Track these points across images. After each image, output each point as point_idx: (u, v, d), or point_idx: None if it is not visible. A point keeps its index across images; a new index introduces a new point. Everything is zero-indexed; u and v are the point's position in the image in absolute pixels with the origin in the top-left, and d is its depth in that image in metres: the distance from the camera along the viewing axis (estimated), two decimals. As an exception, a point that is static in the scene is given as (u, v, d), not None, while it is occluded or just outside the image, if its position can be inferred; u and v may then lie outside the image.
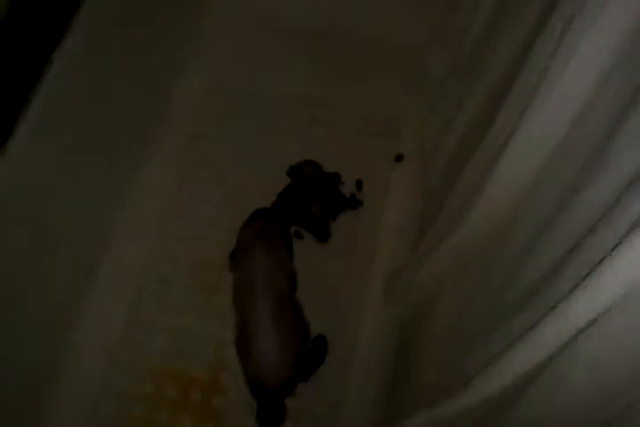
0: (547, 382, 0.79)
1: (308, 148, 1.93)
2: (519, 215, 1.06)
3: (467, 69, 1.58)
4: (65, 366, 1.61)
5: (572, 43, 0.86)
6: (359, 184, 1.90)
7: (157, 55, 1.87)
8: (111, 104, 1.64)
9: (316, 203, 1.81)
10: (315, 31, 2.07)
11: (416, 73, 1.96)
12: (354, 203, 1.87)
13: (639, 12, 0.76)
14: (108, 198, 1.76)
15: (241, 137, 1.96)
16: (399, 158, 1.95)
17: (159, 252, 1.81)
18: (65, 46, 1.38)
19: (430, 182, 1.75)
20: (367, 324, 1.71)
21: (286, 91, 2.06)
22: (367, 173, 1.92)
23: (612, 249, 0.62)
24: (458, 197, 1.30)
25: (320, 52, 2.08)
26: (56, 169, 1.46)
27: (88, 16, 1.42)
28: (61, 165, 1.48)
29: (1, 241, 1.33)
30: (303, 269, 1.70)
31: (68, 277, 1.63)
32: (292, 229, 1.81)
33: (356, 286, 1.77)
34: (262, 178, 1.87)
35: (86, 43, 1.44)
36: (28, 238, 1.41)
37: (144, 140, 1.89)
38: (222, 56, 2.11)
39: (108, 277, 1.74)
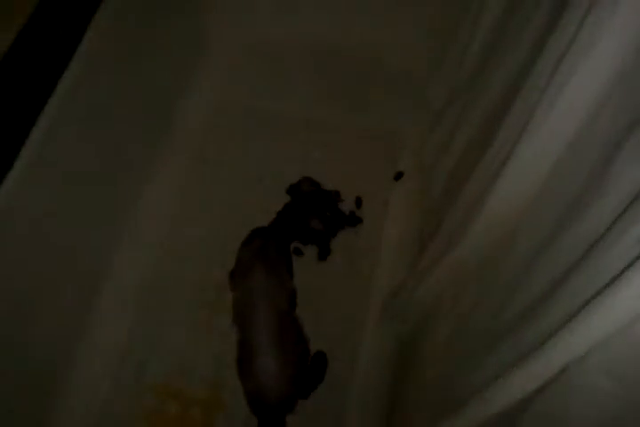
0: (551, 401, 0.81)
1: (307, 166, 1.96)
2: (518, 233, 1.08)
3: (466, 89, 1.60)
4: (66, 384, 1.61)
5: (572, 62, 0.88)
6: (359, 202, 1.92)
7: (159, 79, 1.89)
8: (113, 127, 1.65)
9: (315, 217, 1.83)
10: (315, 52, 2.11)
11: (416, 92, 1.98)
12: (353, 220, 1.89)
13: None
14: (110, 219, 1.77)
15: (241, 157, 1.98)
16: (399, 176, 1.97)
17: (160, 271, 1.82)
18: (69, 71, 1.39)
19: (430, 200, 1.76)
20: (367, 341, 1.72)
21: (287, 111, 2.09)
22: (367, 191, 1.94)
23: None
24: (457, 215, 1.31)
25: (320, 73, 2.10)
26: (58, 191, 1.47)
27: (92, 41, 1.44)
28: (63, 186, 1.49)
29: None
30: (303, 286, 1.71)
31: (71, 296, 1.63)
32: (292, 247, 1.82)
33: (356, 302, 1.78)
34: (262, 197, 1.89)
35: (89, 67, 1.46)
36: (34, 260, 1.42)
37: (145, 161, 1.90)
38: (223, 77, 2.14)
39: (110, 297, 1.75)
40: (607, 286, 0.64)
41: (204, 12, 2.11)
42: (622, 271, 0.62)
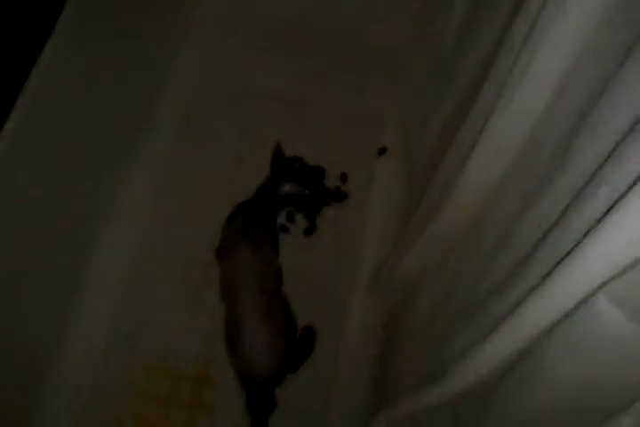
0: (530, 368, 0.83)
1: (292, 143, 1.95)
2: (491, 207, 1.10)
3: (445, 66, 1.60)
4: (55, 363, 1.64)
5: (538, 37, 0.88)
6: (344, 177, 1.93)
7: (144, 55, 1.87)
8: (96, 103, 1.64)
9: (286, 182, 1.83)
10: (300, 30, 2.10)
11: (400, 69, 1.99)
12: (339, 196, 1.90)
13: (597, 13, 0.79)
14: (95, 197, 1.77)
15: (225, 135, 1.98)
16: (382, 151, 1.97)
17: (147, 250, 1.83)
18: (48, 49, 1.38)
19: (414, 175, 1.78)
20: (354, 315, 1.75)
21: (271, 89, 2.07)
22: (352, 167, 1.95)
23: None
24: (435, 189, 1.33)
25: (306, 52, 2.09)
26: (42, 166, 1.47)
27: (71, 17, 1.43)
28: (47, 161, 1.49)
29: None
30: (289, 262, 1.74)
31: (58, 275, 1.65)
32: (278, 223, 1.83)
33: (343, 277, 1.80)
34: (247, 175, 1.88)
35: (73, 38, 1.45)
36: (18, 239, 1.43)
37: (129, 139, 1.90)
38: (207, 56, 2.12)
39: (97, 276, 1.76)
40: (566, 259, 0.65)
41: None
42: (577, 246, 0.63)
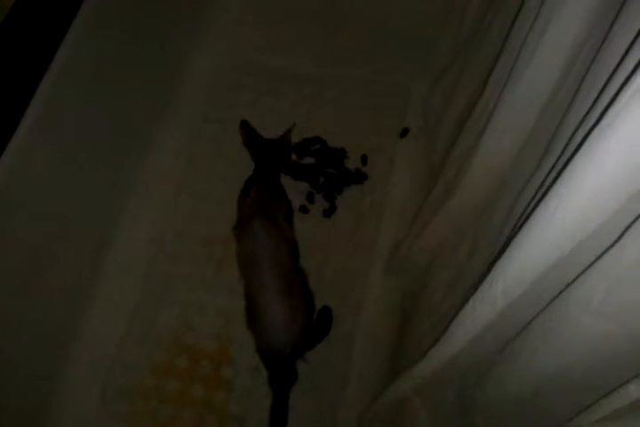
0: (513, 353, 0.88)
1: (313, 123, 2.01)
2: (507, 182, 1.14)
3: (467, 46, 1.64)
4: (76, 339, 1.72)
5: (548, 12, 0.93)
6: (364, 159, 1.98)
7: (164, 36, 1.94)
8: (118, 84, 1.72)
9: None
10: (324, 7, 2.13)
11: (423, 49, 2.02)
12: (359, 177, 1.96)
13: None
14: (119, 178, 1.86)
15: (249, 115, 2.01)
16: (404, 133, 2.02)
17: (169, 228, 1.90)
18: (73, 28, 1.45)
19: (434, 157, 1.82)
20: (372, 295, 1.81)
21: (293, 67, 2.13)
22: (372, 148, 2.01)
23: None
24: (452, 166, 1.37)
25: (328, 29, 2.13)
26: (65, 147, 1.55)
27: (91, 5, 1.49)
28: (70, 143, 1.56)
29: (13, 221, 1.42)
30: (308, 243, 1.79)
31: (81, 254, 1.73)
32: (297, 204, 1.89)
33: (361, 258, 1.86)
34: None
35: (95, 22, 1.51)
36: (40, 217, 1.50)
37: (151, 119, 1.98)
38: (229, 34, 2.18)
39: (119, 254, 1.84)
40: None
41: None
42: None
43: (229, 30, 2.19)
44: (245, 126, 1.89)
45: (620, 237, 0.65)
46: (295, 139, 1.96)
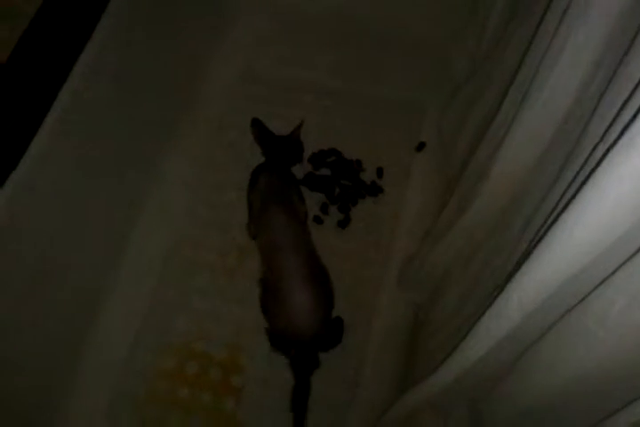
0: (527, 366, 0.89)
1: (329, 135, 2.03)
2: (522, 196, 1.15)
3: (484, 61, 1.65)
4: (89, 341, 1.73)
5: (566, 31, 0.94)
6: (380, 171, 1.99)
7: (185, 47, 1.98)
8: (138, 93, 1.75)
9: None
10: (340, 21, 2.15)
11: (439, 62, 2.04)
12: (374, 189, 1.96)
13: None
14: (134, 187, 1.88)
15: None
16: (421, 147, 2.03)
17: (184, 236, 1.92)
18: (87, 51, 1.46)
19: (450, 171, 1.82)
20: (383, 307, 1.81)
21: (310, 80, 2.15)
22: (388, 161, 2.01)
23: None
24: (467, 181, 1.38)
25: (345, 43, 2.15)
26: (81, 156, 1.56)
27: (112, 18, 1.52)
28: (85, 159, 1.58)
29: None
30: (322, 254, 1.78)
31: (94, 262, 1.75)
32: (311, 215, 1.90)
33: (374, 270, 1.87)
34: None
35: (115, 33, 1.54)
36: (54, 227, 1.52)
37: (168, 128, 2.00)
38: (248, 46, 2.21)
39: (132, 262, 1.85)
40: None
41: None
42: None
43: (247, 42, 2.21)
44: (257, 123, 1.93)
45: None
46: (311, 150, 1.98)
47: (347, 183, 1.97)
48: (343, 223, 1.91)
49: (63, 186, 1.51)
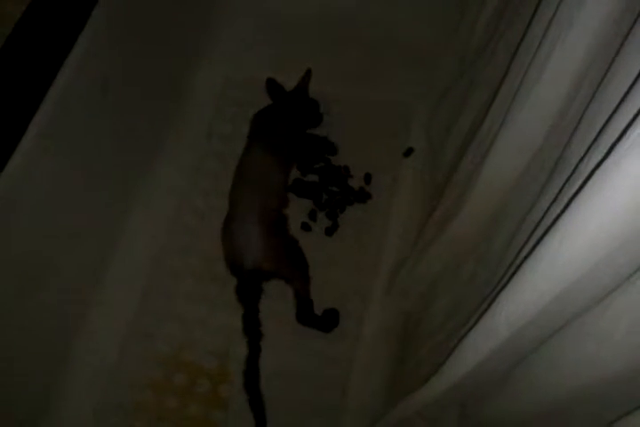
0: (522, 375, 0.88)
1: (317, 141, 2.02)
2: (509, 206, 1.14)
3: (472, 66, 1.64)
4: (74, 352, 1.71)
5: (555, 35, 0.93)
6: (368, 177, 1.98)
7: (171, 51, 1.96)
8: (123, 98, 1.72)
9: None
10: (327, 25, 2.15)
11: (428, 67, 2.03)
12: (362, 196, 1.95)
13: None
14: (123, 193, 1.87)
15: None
16: (409, 152, 2.02)
17: (171, 243, 1.90)
18: (72, 57, 1.45)
19: (438, 177, 1.81)
20: (372, 315, 1.79)
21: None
22: (376, 167, 2.00)
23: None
24: (454, 190, 1.37)
25: (332, 46, 2.14)
26: (69, 160, 1.55)
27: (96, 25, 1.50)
28: (73, 163, 1.57)
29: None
30: (309, 261, 1.78)
31: (82, 267, 1.73)
32: (299, 222, 1.89)
33: (363, 278, 1.85)
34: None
35: (101, 35, 1.53)
36: (41, 231, 1.50)
37: (155, 134, 1.99)
38: (234, 49, 2.20)
39: (120, 269, 1.84)
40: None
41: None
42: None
43: (235, 47, 2.20)
44: (270, 82, 2.02)
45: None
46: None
47: (335, 190, 1.96)
48: (331, 230, 1.90)
49: (48, 195, 1.49)
